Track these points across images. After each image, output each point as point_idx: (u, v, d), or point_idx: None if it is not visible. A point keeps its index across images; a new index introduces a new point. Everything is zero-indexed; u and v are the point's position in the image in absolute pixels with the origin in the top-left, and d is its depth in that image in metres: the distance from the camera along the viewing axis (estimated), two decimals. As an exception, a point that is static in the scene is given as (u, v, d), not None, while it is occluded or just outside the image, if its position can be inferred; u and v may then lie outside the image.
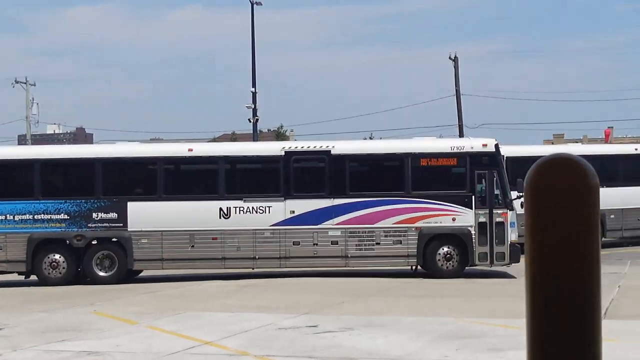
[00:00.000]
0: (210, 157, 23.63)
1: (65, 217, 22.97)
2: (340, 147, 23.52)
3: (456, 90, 52.09)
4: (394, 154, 23.53)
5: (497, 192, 22.66)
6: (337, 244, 22.69)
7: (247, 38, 47.12)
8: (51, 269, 22.98)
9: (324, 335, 12.74)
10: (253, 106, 46.20)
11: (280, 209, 22.81)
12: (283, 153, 23.21)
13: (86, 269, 23.13)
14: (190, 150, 23.62)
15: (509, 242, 22.46)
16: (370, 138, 63.92)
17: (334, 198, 22.83)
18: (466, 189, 22.68)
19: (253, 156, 23.87)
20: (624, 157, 32.79)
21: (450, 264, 22.76)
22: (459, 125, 52.01)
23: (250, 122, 46.53)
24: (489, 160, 22.82)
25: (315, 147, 23.74)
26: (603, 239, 26.34)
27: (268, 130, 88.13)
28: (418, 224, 22.68)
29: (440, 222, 22.72)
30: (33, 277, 23.49)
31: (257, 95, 46.45)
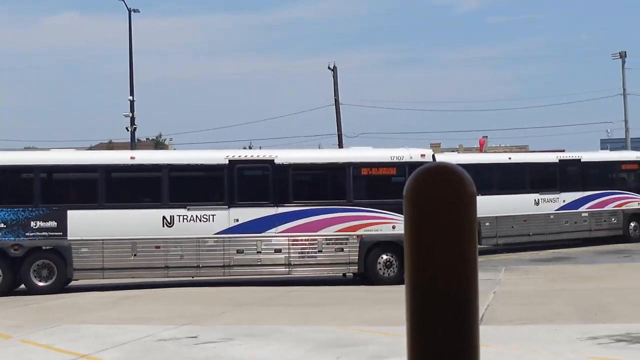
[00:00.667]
0: (153, 164, 23.43)
1: (2, 225, 22.39)
2: (284, 156, 23.76)
3: (335, 99, 52.59)
4: (336, 163, 23.82)
5: None
6: (281, 251, 22.89)
7: (125, 45, 46.49)
8: None
9: (205, 346, 12.62)
10: (131, 115, 45.56)
11: (225, 217, 22.86)
12: (227, 162, 23.27)
13: (24, 279, 22.57)
14: (132, 157, 23.42)
15: None
16: (250, 147, 63.81)
17: (277, 206, 23.06)
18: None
19: (197, 164, 23.64)
20: (497, 165, 33.80)
21: (390, 270, 23.23)
22: (338, 134, 52.51)
23: (128, 130, 45.89)
24: None
25: (258, 156, 24.06)
26: (479, 246, 26.99)
27: (147, 139, 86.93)
28: (359, 232, 23.12)
29: (381, 230, 23.16)
30: None
31: (135, 103, 45.82)
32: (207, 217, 22.77)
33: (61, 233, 22.41)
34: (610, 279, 22.61)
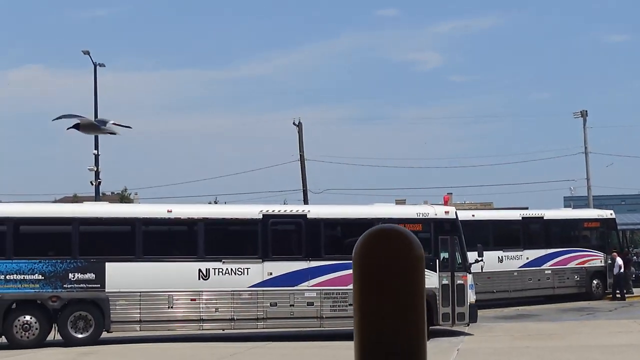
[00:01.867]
0: (189, 218, 23.71)
1: (40, 277, 22.29)
2: (315, 211, 24.48)
3: (300, 155, 52.78)
4: (365, 218, 24.04)
5: (457, 256, 24.23)
6: (313, 304, 23.31)
7: (90, 99, 46.49)
8: (23, 332, 22.14)
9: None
10: (95, 168, 45.39)
11: (259, 271, 23.19)
12: (261, 216, 23.66)
13: (61, 331, 22.40)
14: (169, 211, 23.60)
15: (468, 303, 23.91)
16: (215, 202, 63.69)
17: (310, 260, 23.55)
18: (431, 253, 23.81)
19: (232, 219, 24.17)
20: (461, 222, 33.96)
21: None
22: (303, 190, 52.59)
23: (92, 184, 45.67)
24: (451, 226, 24.57)
25: (291, 210, 24.55)
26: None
27: (112, 193, 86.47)
28: None
29: None
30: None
31: (99, 157, 45.70)
32: (242, 271, 23.11)
33: (99, 285, 22.41)
34: (573, 336, 22.72)
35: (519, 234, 35.11)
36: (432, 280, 23.61)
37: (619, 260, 36.38)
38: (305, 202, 50.01)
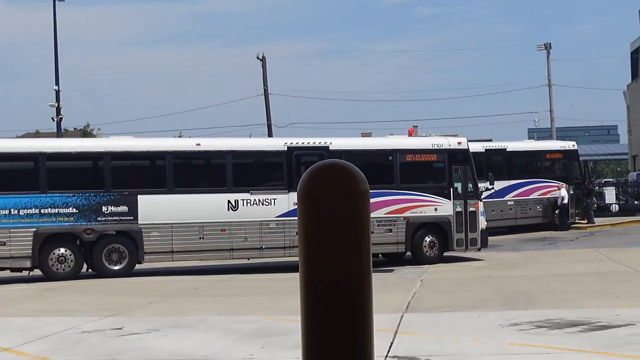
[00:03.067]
0: (217, 151, 24.62)
1: (74, 210, 22.93)
2: (337, 143, 25.41)
3: (264, 89, 52.51)
4: (385, 149, 25.70)
5: (469, 184, 25.80)
6: None
7: (50, 35, 45.79)
8: (58, 264, 22.84)
9: (129, 338, 12.56)
10: (57, 104, 44.93)
11: (284, 201, 24.22)
12: (286, 148, 24.70)
13: (95, 263, 23.19)
14: (198, 144, 24.57)
15: (480, 229, 25.61)
16: (180, 136, 63.35)
17: None
18: (445, 182, 25.69)
19: (258, 151, 25.36)
20: None
21: (433, 251, 25.44)
22: (268, 124, 52.47)
23: (54, 120, 45.24)
24: (463, 156, 25.99)
25: (314, 142, 25.33)
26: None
27: (74, 129, 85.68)
28: (406, 214, 25.14)
29: (425, 212, 25.28)
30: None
31: (60, 93, 45.20)
32: (269, 201, 24.15)
33: (132, 218, 23.19)
34: (534, 265, 23.10)
35: (482, 166, 35.32)
36: (446, 208, 25.36)
37: (563, 192, 36.93)
38: (270, 135, 49.92)
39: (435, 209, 25.33)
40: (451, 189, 25.50)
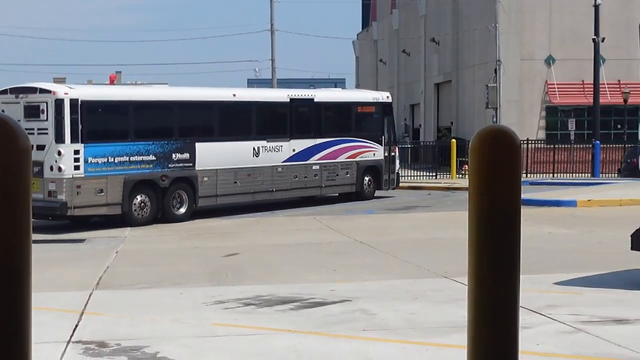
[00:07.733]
0: (248, 102, 29.69)
1: (153, 158, 26.35)
2: (319, 95, 32.67)
3: None
4: (350, 102, 33.67)
5: (392, 133, 34.97)
6: (316, 176, 31.60)
7: None
8: (140, 210, 26.01)
9: None
10: None
11: (287, 148, 30.38)
12: (289, 99, 30.84)
13: (165, 208, 26.70)
14: (234, 95, 29.36)
15: (396, 171, 35.03)
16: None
17: (316, 138, 31.52)
18: (380, 130, 34.01)
19: (275, 102, 31.07)
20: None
21: (370, 189, 33.85)
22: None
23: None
24: (390, 109, 35.16)
25: (306, 95, 32.13)
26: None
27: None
28: (357, 159, 33.08)
29: (367, 157, 33.44)
30: None
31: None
32: (278, 148, 30.02)
33: (191, 164, 27.31)
34: (247, 235, 23.53)
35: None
36: (380, 152, 33.85)
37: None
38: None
39: (374, 154, 33.49)
40: (383, 137, 33.82)
